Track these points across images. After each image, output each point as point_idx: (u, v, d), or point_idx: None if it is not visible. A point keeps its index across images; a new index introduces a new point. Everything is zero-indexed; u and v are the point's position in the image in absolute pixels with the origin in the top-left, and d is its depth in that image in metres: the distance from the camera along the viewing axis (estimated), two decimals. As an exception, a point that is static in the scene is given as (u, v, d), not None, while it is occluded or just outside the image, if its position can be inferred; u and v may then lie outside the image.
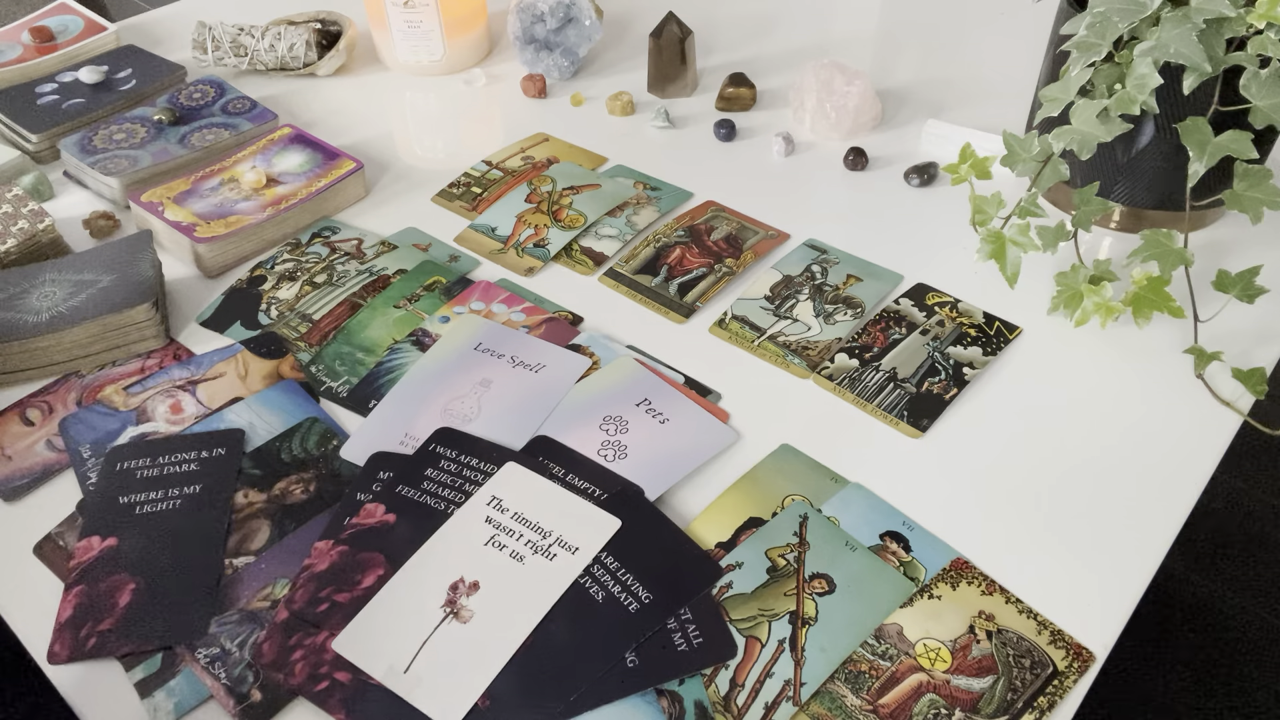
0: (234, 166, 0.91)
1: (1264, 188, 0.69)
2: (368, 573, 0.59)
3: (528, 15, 1.06)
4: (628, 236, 0.87)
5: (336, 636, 0.56)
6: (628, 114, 1.04)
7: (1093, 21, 0.70)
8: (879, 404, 0.71)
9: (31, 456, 0.68)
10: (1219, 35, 0.68)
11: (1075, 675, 0.55)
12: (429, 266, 0.83)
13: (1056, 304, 0.76)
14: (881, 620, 0.58)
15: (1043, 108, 0.73)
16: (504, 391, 0.71)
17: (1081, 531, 0.63)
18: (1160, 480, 0.66)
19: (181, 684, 0.55)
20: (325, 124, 1.03)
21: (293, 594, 0.58)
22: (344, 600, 0.58)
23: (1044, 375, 0.73)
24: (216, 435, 0.68)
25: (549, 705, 0.53)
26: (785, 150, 0.97)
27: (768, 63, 1.12)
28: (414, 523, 0.62)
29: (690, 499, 0.65)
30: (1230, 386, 0.72)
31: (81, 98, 1.01)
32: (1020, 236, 0.74)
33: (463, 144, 1.01)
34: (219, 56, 1.09)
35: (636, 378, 0.72)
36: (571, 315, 0.79)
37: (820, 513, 0.63)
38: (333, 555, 0.60)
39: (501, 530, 0.61)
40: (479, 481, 0.64)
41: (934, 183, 0.93)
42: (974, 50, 1.14)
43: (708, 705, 0.54)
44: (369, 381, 0.73)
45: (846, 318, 0.78)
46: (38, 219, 0.83)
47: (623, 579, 0.59)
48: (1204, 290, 0.75)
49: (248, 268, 0.84)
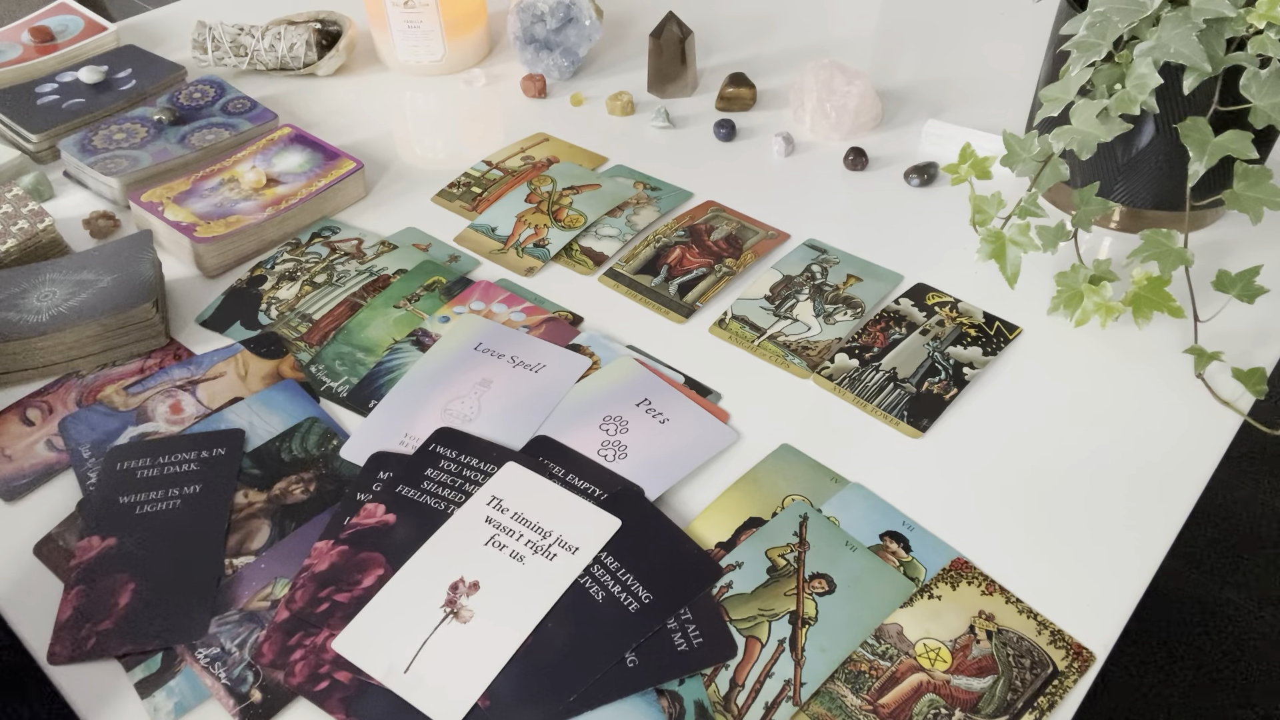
0: (234, 166, 0.91)
1: (1264, 188, 0.69)
2: (368, 573, 0.59)
3: (528, 15, 1.06)
4: (628, 236, 0.87)
5: (336, 636, 0.56)
6: (628, 114, 1.04)
7: (1093, 21, 0.70)
8: (879, 404, 0.71)
9: (31, 456, 0.68)
10: (1219, 35, 0.68)
11: (1075, 675, 0.55)
12: (429, 266, 0.83)
13: (1056, 304, 0.76)
14: (881, 620, 0.58)
15: (1043, 108, 0.73)
16: (504, 391, 0.71)
17: (1082, 531, 0.63)
18: (1160, 480, 0.66)
19: (181, 684, 0.55)
20: (325, 124, 1.03)
21: (293, 594, 0.58)
22: (344, 600, 0.58)
23: (1044, 375, 0.73)
24: (216, 435, 0.68)
25: (549, 705, 0.53)
26: (785, 150, 0.97)
27: (768, 63, 1.12)
28: (414, 523, 0.62)
29: (690, 499, 0.65)
30: (1230, 386, 0.72)
31: (81, 98, 1.01)
32: (1020, 236, 0.74)
33: (463, 144, 1.01)
34: (219, 56, 1.09)
35: (636, 378, 0.72)
36: (571, 315, 0.79)
37: (820, 513, 0.63)
38: (333, 555, 0.60)
39: (501, 530, 0.61)
40: (479, 481, 0.64)
41: (934, 183, 0.93)
42: (974, 50, 1.15)
43: (708, 705, 0.54)
44: (369, 381, 0.73)
45: (846, 318, 0.78)
46: (38, 219, 0.83)
47: (623, 579, 0.59)
48: (1204, 290, 0.75)
49: (248, 268, 0.84)
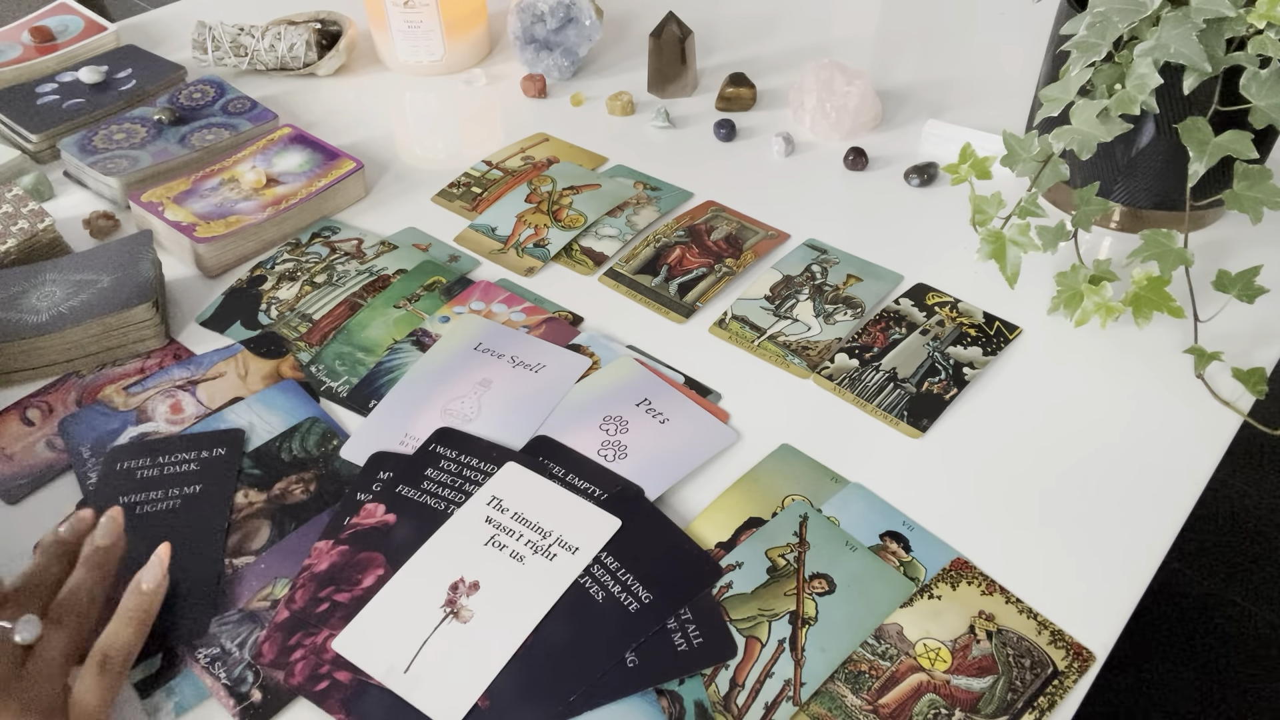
0: (234, 166, 0.91)
1: (1264, 188, 0.69)
2: (368, 573, 0.59)
3: (528, 15, 1.06)
4: (628, 236, 0.87)
5: (336, 636, 0.56)
6: (628, 114, 1.04)
7: (1093, 21, 0.70)
8: (879, 404, 0.71)
9: (31, 456, 0.68)
10: (1219, 35, 0.68)
11: (1075, 675, 0.55)
12: (429, 266, 0.83)
13: (1056, 304, 0.76)
14: (881, 620, 0.58)
15: (1043, 108, 0.73)
16: (504, 391, 0.71)
17: (1081, 531, 0.63)
18: (1160, 480, 0.66)
19: (181, 684, 0.55)
20: (325, 124, 1.03)
21: (293, 594, 0.58)
22: (344, 600, 0.58)
23: (1044, 375, 0.73)
24: (217, 435, 0.68)
25: (549, 705, 0.53)
26: (785, 150, 0.97)
27: (768, 63, 1.12)
28: (414, 523, 0.62)
29: (690, 499, 0.65)
30: (1230, 386, 0.72)
31: (81, 98, 1.01)
32: (1020, 236, 0.74)
33: (463, 144, 1.01)
34: (219, 56, 1.09)
35: (636, 378, 0.72)
36: (571, 315, 0.79)
37: (820, 513, 0.63)
38: (333, 555, 0.60)
39: (501, 530, 0.61)
40: (479, 481, 0.64)
41: (934, 183, 0.93)
42: (974, 50, 1.15)
43: (708, 705, 0.54)
44: (369, 381, 0.73)
45: (846, 318, 0.78)
46: (38, 219, 0.83)
47: (623, 579, 0.59)
48: (1204, 290, 0.75)
49: (248, 268, 0.84)
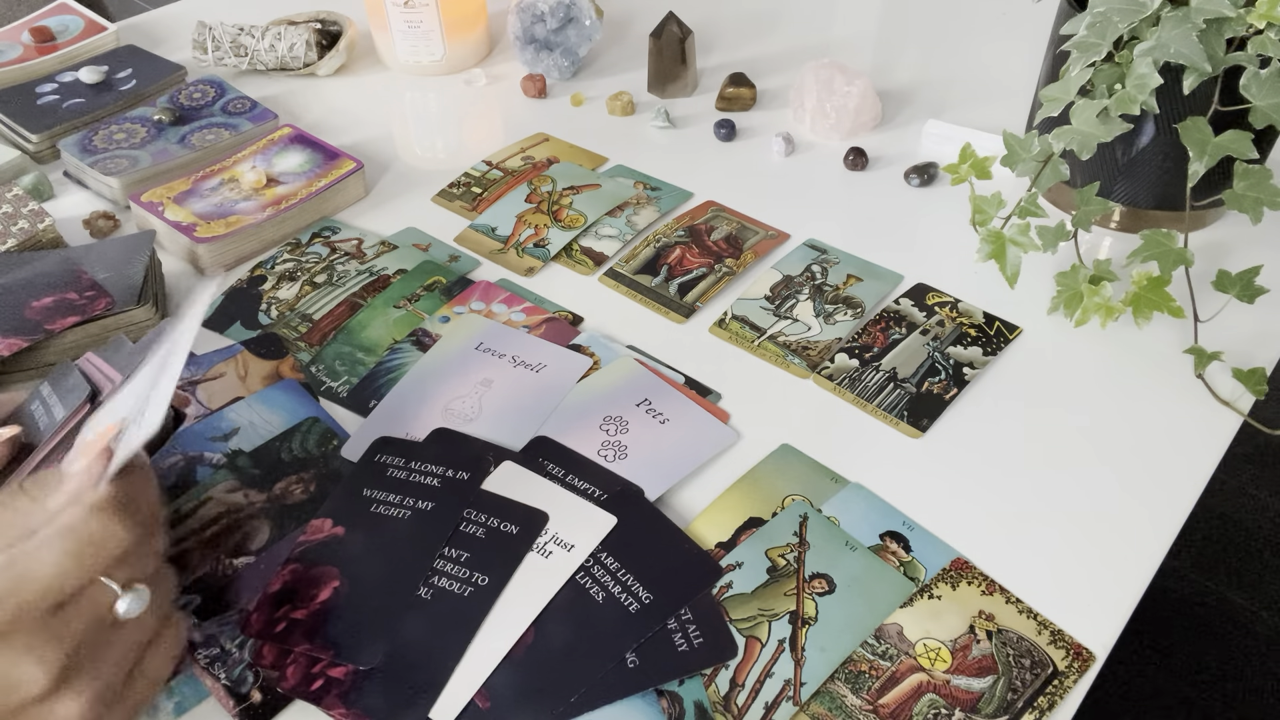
0: (234, 166, 0.91)
1: (1264, 188, 0.69)
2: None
3: (528, 15, 1.06)
4: (628, 236, 0.87)
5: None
6: (628, 114, 1.04)
7: (1093, 21, 0.70)
8: (879, 404, 0.71)
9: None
10: (1219, 35, 0.68)
11: (1075, 675, 0.55)
12: (429, 266, 0.83)
13: (1056, 304, 0.76)
14: (881, 620, 0.58)
15: (1043, 108, 0.73)
16: (505, 391, 0.71)
17: (1081, 531, 0.63)
18: (1160, 480, 0.66)
19: (181, 684, 0.55)
20: (325, 124, 1.03)
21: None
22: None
23: (1044, 375, 0.73)
24: (466, 458, 0.65)
25: (549, 705, 0.53)
26: (785, 150, 0.97)
27: (768, 63, 1.12)
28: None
29: (690, 499, 0.65)
30: (1230, 386, 0.72)
31: (81, 98, 1.01)
32: (1020, 236, 0.74)
33: (463, 144, 1.01)
34: (219, 56, 1.09)
35: (636, 378, 0.72)
36: (571, 315, 0.79)
37: (820, 513, 0.63)
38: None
39: (501, 530, 0.61)
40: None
41: (934, 183, 0.93)
42: (974, 50, 1.15)
43: (708, 705, 0.54)
44: (369, 381, 0.73)
45: (846, 318, 0.78)
46: (38, 219, 0.83)
47: (623, 579, 0.59)
48: (1204, 290, 0.75)
49: (248, 268, 0.84)
